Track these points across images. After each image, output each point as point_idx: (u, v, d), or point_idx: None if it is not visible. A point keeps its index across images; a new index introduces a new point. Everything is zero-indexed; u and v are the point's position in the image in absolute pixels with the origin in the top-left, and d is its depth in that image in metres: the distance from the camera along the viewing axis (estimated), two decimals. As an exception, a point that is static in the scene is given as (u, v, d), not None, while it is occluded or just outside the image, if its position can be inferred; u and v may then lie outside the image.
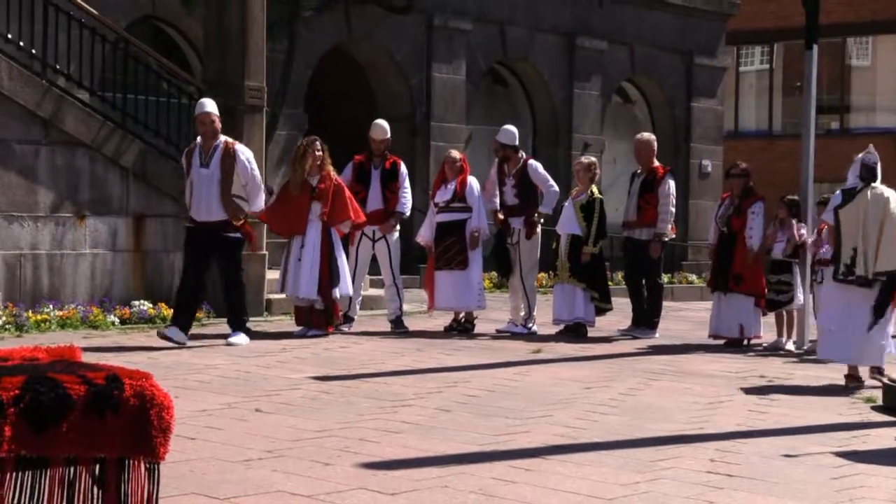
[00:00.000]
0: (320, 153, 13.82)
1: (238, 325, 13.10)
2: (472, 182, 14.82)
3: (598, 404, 9.78)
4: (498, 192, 15.08)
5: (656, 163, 15.39)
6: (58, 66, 14.86)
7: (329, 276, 13.60)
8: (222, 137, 13.07)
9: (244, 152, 13.12)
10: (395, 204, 14.65)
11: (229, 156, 12.92)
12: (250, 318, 15.06)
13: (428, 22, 23.37)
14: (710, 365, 12.66)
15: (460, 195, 14.66)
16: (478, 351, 13.11)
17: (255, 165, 13.28)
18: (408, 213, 15.04)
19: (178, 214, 15.31)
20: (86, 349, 7.30)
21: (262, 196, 13.35)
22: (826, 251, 13.64)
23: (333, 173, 13.86)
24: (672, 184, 15.17)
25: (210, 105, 13.07)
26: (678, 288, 24.24)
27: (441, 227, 14.71)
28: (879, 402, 10.29)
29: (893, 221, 11.12)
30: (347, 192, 13.90)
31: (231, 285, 13.14)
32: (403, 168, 14.94)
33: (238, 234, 12.97)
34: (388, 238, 14.63)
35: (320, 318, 13.83)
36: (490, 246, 15.67)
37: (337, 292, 13.75)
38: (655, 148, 15.50)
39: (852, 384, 11.35)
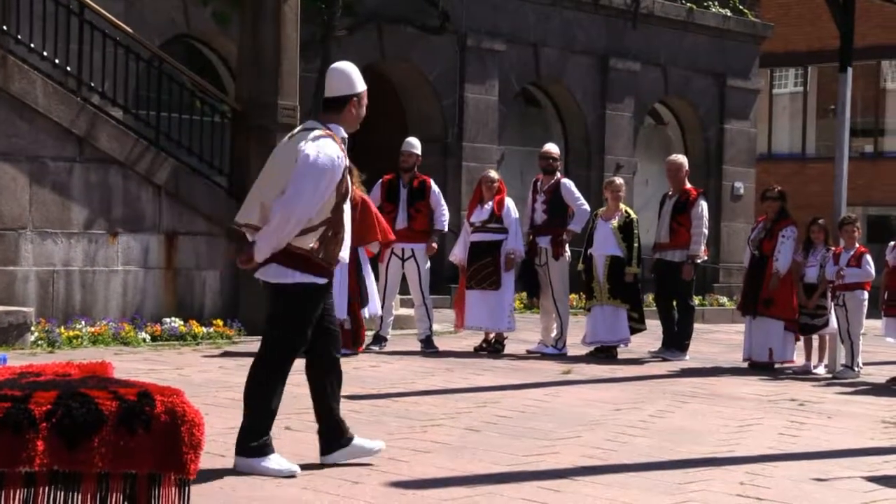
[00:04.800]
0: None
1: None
2: (510, 203, 14.83)
3: (627, 426, 9.76)
4: (530, 211, 15.13)
5: (688, 184, 15.37)
6: (92, 84, 14.95)
7: (358, 295, 13.66)
8: None
9: None
10: (420, 222, 14.67)
11: None
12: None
13: (461, 43, 23.43)
14: (741, 388, 12.61)
15: (497, 215, 14.67)
16: (508, 371, 13.10)
17: None
18: (446, 229, 15.11)
19: (210, 232, 15.37)
20: (116, 366, 7.32)
21: None
22: (849, 276, 13.67)
23: (362, 193, 13.87)
24: (705, 206, 15.13)
25: None
26: (709, 310, 24.16)
27: (476, 247, 14.71)
28: (911, 426, 10.25)
29: None
30: (375, 212, 13.90)
31: None
32: (434, 186, 14.97)
33: None
34: (417, 257, 14.65)
35: (347, 337, 13.84)
36: (518, 266, 15.66)
37: (366, 312, 13.81)
38: (687, 169, 15.48)
39: None
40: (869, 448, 9.34)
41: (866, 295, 14.08)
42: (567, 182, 15.23)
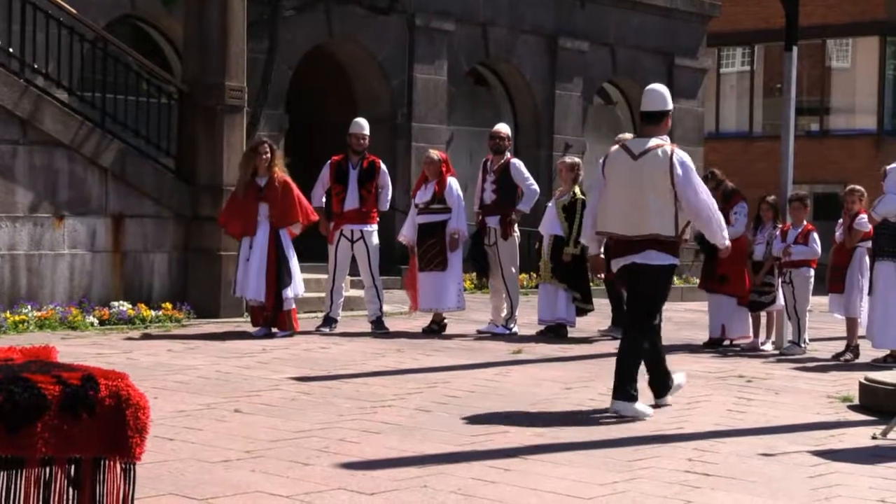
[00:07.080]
0: (267, 155, 13.78)
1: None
2: (452, 182, 14.80)
3: (577, 404, 9.79)
4: (479, 191, 15.12)
5: (637, 163, 15.37)
6: (36, 66, 14.81)
7: (277, 277, 13.60)
8: None
9: None
10: (371, 203, 14.64)
11: None
12: (231, 320, 15.08)
13: (410, 22, 23.36)
14: (690, 365, 12.66)
15: (439, 196, 14.65)
16: (458, 352, 13.11)
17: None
18: (387, 209, 15.08)
19: (157, 215, 15.28)
20: (63, 350, 7.29)
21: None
22: (796, 253, 13.79)
23: (282, 174, 13.80)
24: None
25: None
26: (659, 289, 24.19)
27: (422, 228, 14.70)
28: (856, 401, 10.33)
29: None
30: (297, 193, 13.83)
31: None
32: (383, 167, 14.93)
33: None
34: (366, 239, 14.61)
35: (286, 319, 13.81)
36: (468, 246, 15.66)
37: (289, 292, 13.75)
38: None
39: None
40: (815, 423, 9.42)
41: (813, 272, 14.18)
42: (516, 162, 15.22)
